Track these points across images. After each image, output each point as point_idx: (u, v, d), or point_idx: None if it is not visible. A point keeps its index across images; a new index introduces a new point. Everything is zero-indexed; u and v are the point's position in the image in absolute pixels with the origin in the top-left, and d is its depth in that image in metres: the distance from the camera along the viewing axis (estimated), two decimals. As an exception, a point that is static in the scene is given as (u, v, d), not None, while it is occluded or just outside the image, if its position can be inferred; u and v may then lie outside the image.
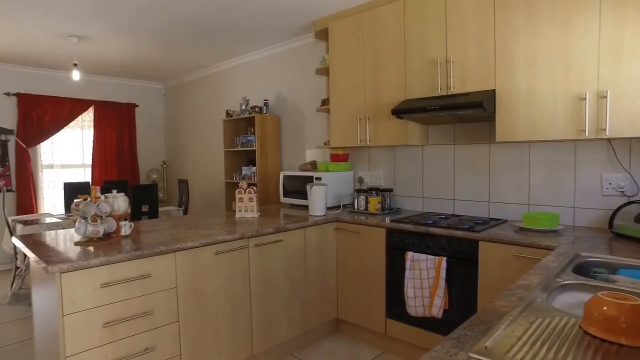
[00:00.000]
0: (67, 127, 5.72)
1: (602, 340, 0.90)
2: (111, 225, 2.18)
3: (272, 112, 4.48)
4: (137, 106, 6.36)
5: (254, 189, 2.98)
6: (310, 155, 4.14)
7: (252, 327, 2.55)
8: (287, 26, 3.86)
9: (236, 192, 2.99)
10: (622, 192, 2.37)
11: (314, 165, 3.81)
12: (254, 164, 4.37)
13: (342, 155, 3.62)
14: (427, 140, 3.21)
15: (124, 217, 2.30)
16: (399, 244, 2.71)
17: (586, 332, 0.94)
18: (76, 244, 2.12)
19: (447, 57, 2.67)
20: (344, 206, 3.48)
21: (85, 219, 2.09)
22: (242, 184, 2.98)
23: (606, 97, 2.10)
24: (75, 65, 4.33)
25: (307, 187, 3.09)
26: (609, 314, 0.91)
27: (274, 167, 4.36)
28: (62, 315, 1.78)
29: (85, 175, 5.96)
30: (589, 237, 2.18)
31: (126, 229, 2.29)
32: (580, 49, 2.17)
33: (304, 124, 4.24)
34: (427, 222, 2.66)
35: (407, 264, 2.59)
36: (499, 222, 2.67)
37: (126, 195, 2.33)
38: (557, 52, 2.24)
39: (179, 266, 2.16)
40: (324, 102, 3.80)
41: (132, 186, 4.30)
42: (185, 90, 6.17)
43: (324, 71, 3.72)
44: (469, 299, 2.39)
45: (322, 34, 3.72)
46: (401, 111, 2.74)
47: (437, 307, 2.44)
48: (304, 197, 3.45)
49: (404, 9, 2.91)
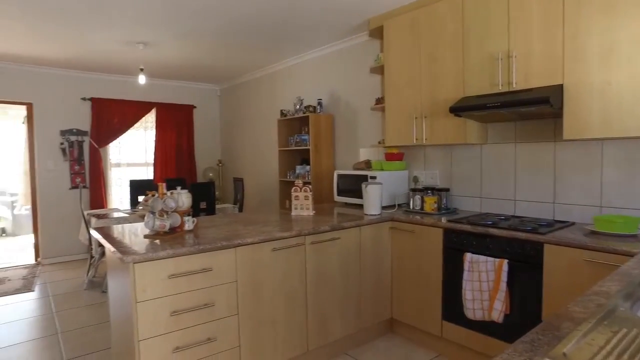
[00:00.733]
0: (132, 128, 6.10)
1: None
2: (176, 220, 2.30)
3: (325, 112, 4.51)
4: (195, 107, 6.65)
5: (310, 187, 3.02)
6: (364, 154, 4.13)
7: (307, 323, 2.59)
8: (342, 25, 3.87)
9: (292, 191, 3.04)
10: None
11: (367, 164, 3.79)
12: (307, 163, 4.43)
13: (396, 154, 3.58)
14: (486, 138, 3.09)
15: (188, 213, 2.41)
16: (457, 245, 2.64)
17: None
18: (145, 236, 2.26)
19: (509, 51, 2.56)
20: (399, 205, 3.44)
21: (153, 213, 2.23)
22: (298, 183, 3.03)
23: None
24: (141, 70, 4.61)
25: (363, 186, 3.09)
26: None
27: (328, 166, 4.39)
28: (136, 302, 1.90)
29: (147, 173, 6.33)
30: (671, 243, 2.01)
31: (189, 224, 2.41)
32: (662, 38, 2.00)
33: (358, 123, 4.24)
34: (486, 222, 2.57)
35: (465, 266, 2.51)
36: (566, 224, 2.52)
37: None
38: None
39: (238, 261, 2.24)
40: (379, 100, 3.78)
41: (191, 184, 4.51)
42: (240, 91, 6.36)
43: (379, 70, 3.70)
44: (533, 304, 2.28)
45: (377, 32, 3.70)
46: (460, 109, 2.66)
47: (497, 311, 2.35)
48: (358, 195, 3.45)
49: (462, 3, 2.82)
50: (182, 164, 6.45)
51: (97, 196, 5.77)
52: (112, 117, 5.86)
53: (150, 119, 6.27)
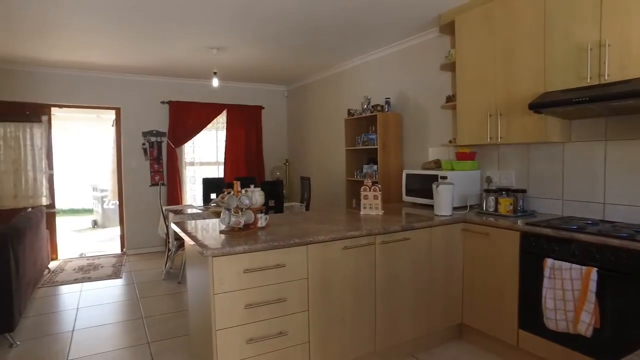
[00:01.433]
0: (205, 128, 6.44)
1: None
2: (250, 217, 2.39)
3: (393, 110, 4.45)
4: (263, 108, 6.88)
5: (379, 187, 3.00)
6: (433, 153, 4.02)
7: (375, 322, 2.57)
8: (411, 22, 3.79)
9: (361, 190, 3.04)
10: None
11: (437, 163, 3.69)
12: (375, 162, 4.40)
13: (468, 153, 3.44)
14: (569, 136, 2.87)
15: (261, 210, 2.50)
16: (536, 250, 2.48)
17: None
18: (221, 232, 2.38)
19: (601, 40, 2.35)
20: (471, 207, 3.31)
21: (228, 210, 2.33)
22: (367, 182, 3.02)
23: None
24: (215, 73, 4.85)
25: (433, 186, 3.01)
26: None
27: (396, 165, 4.33)
28: (214, 294, 2.01)
29: (218, 171, 6.66)
30: None
31: (262, 221, 2.49)
32: None
33: (427, 122, 4.13)
34: (570, 227, 2.39)
35: (546, 272, 2.35)
36: (667, 231, 2.27)
37: (261, 190, 2.53)
38: None
39: (310, 258, 2.28)
40: (449, 98, 3.65)
41: (260, 182, 4.67)
42: (307, 91, 6.47)
43: (449, 66, 3.58)
44: (631, 319, 2.08)
45: (448, 28, 3.58)
46: (541, 105, 2.50)
47: (584, 323, 2.17)
48: (428, 196, 3.37)
49: (546, -8, 2.64)
50: (251, 163, 6.70)
51: (174, 193, 6.16)
52: (187, 118, 6.23)
53: (221, 119, 6.59)
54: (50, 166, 5.70)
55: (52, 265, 5.46)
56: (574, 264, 2.25)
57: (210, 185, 5.33)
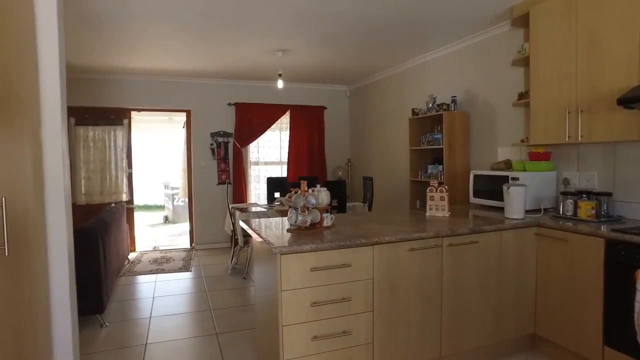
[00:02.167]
0: (269, 129, 6.63)
1: None
2: (316, 216, 2.42)
3: (460, 109, 4.30)
4: (326, 108, 6.94)
5: (445, 187, 2.91)
6: (502, 153, 3.83)
7: (441, 327, 2.50)
8: (480, 17, 3.64)
9: (427, 191, 2.97)
10: None
11: (507, 164, 3.51)
12: (440, 163, 4.28)
13: (543, 153, 3.24)
14: (664, 134, 2.60)
15: (326, 210, 2.53)
16: (625, 259, 2.28)
17: None
18: (288, 230, 2.43)
19: None
20: (545, 210, 3.11)
21: (295, 209, 2.38)
22: (433, 183, 2.95)
23: None
24: (279, 75, 4.98)
25: (504, 187, 2.87)
26: None
27: (462, 165, 4.18)
28: (281, 290, 2.06)
29: (282, 171, 6.81)
30: None
31: (328, 220, 2.52)
32: None
33: (496, 121, 3.94)
34: (666, 235, 2.16)
35: (639, 285, 2.15)
36: None
37: (326, 189, 2.56)
38: None
39: (376, 259, 2.27)
40: (522, 95, 3.46)
41: (322, 182, 4.72)
42: (369, 91, 6.44)
43: (522, 61, 3.39)
44: None
45: (521, 21, 3.39)
46: (635, 100, 2.28)
47: (681, 341, 1.96)
48: (497, 198, 3.21)
49: (638, -24, 2.41)
50: (313, 162, 6.80)
51: (239, 191, 6.41)
52: (252, 119, 6.45)
53: (285, 120, 6.74)
54: (129, 165, 6.17)
55: (131, 256, 5.90)
56: (669, 276, 2.04)
57: (274, 184, 5.48)
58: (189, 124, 6.40)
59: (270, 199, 5.41)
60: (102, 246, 3.44)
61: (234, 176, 6.44)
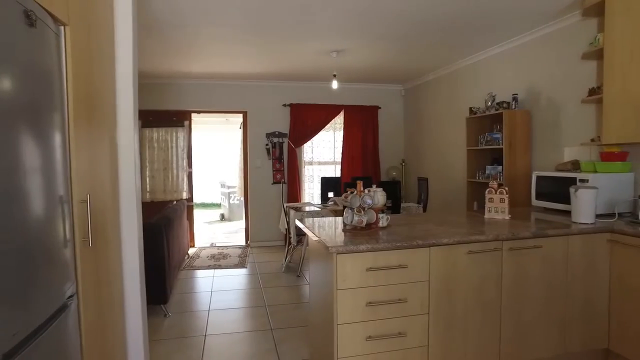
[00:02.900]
0: (323, 129, 6.69)
1: None
2: (372, 216, 2.43)
3: (521, 107, 4.10)
4: (380, 108, 6.89)
5: (505, 189, 2.80)
6: (570, 153, 3.61)
7: (500, 335, 2.41)
8: (547, 8, 3.45)
9: (486, 192, 2.87)
10: None
11: (575, 165, 3.30)
12: (499, 163, 4.11)
13: (618, 153, 3.01)
14: None
15: (382, 210, 2.52)
16: None
17: None
18: (344, 230, 2.45)
19: None
20: (620, 215, 2.89)
21: (351, 209, 2.40)
22: (493, 184, 2.84)
23: None
24: (334, 76, 5.01)
25: (571, 190, 2.70)
26: None
27: (523, 166, 3.98)
28: (336, 289, 2.09)
29: (335, 171, 6.85)
30: None
31: (383, 221, 2.51)
32: None
33: (562, 119, 3.72)
34: None
35: None
36: None
37: (382, 190, 2.54)
38: None
39: (432, 261, 2.23)
40: (593, 91, 3.24)
41: (376, 183, 4.69)
42: (424, 89, 6.31)
43: (594, 54, 3.17)
44: None
45: (594, 10, 3.18)
46: None
47: None
48: (562, 200, 3.03)
49: None
50: (367, 163, 6.77)
51: (293, 191, 6.53)
52: (306, 120, 6.55)
53: (339, 120, 6.78)
54: (189, 165, 6.49)
55: (191, 251, 6.20)
56: None
57: (327, 184, 5.53)
58: (245, 125, 6.62)
59: (324, 198, 5.47)
60: (166, 241, 3.65)
61: (289, 176, 6.56)
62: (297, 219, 2.96)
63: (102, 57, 2.10)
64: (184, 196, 6.37)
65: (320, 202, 5.51)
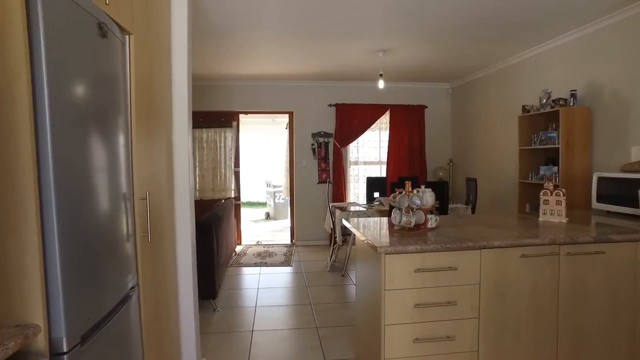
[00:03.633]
0: (369, 129, 6.66)
1: None
2: (420, 217, 2.39)
3: (580, 104, 3.87)
4: (426, 107, 6.76)
5: (562, 191, 2.66)
6: (637, 153, 3.37)
7: (557, 343, 2.29)
8: None
9: (541, 194, 2.74)
10: None
11: (642, 165, 3.08)
12: (554, 163, 3.91)
13: (690, 153, 2.78)
14: None
15: (431, 211, 2.48)
16: None
17: None
18: (391, 231, 2.43)
19: None
20: (693, 220, 2.67)
21: (400, 209, 2.37)
22: (548, 185, 2.71)
23: None
24: (380, 75, 4.98)
25: None
26: None
27: (582, 167, 3.76)
28: (384, 290, 2.08)
29: (381, 171, 6.80)
30: None
31: (432, 222, 2.46)
32: None
33: (629, 116, 3.47)
34: None
35: None
36: None
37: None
38: None
39: (483, 263, 2.16)
40: (662, 86, 3.01)
41: (423, 183, 4.60)
42: (472, 88, 6.12)
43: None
44: None
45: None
46: None
47: None
48: (629, 204, 2.84)
49: None
50: (413, 163, 6.67)
51: (338, 190, 6.55)
52: (352, 119, 6.54)
53: (384, 120, 6.72)
54: (237, 164, 6.67)
55: (238, 249, 6.37)
56: None
57: (373, 184, 5.50)
58: (291, 125, 6.72)
59: (369, 198, 5.44)
60: (216, 238, 3.78)
61: (334, 175, 6.59)
62: (344, 219, 2.97)
63: (160, 62, 2.22)
64: (232, 195, 6.56)
65: (365, 202, 5.49)
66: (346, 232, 4.99)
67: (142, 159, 1.88)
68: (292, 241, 6.82)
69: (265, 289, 4.45)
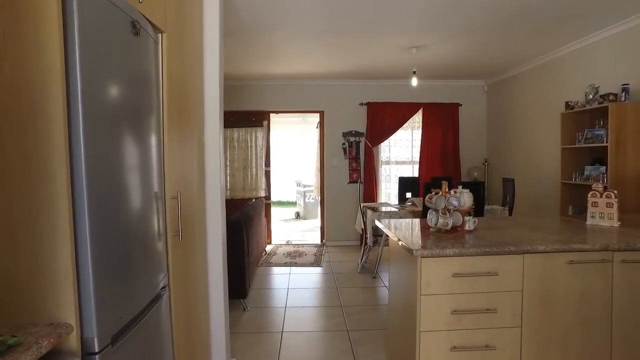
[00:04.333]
0: (401, 128, 6.52)
1: None
2: (458, 219, 2.28)
3: (633, 99, 3.62)
4: (460, 105, 6.55)
5: (614, 192, 2.48)
6: (694, 152, 3.12)
7: (611, 358, 2.13)
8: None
9: (589, 196, 2.57)
10: None
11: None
12: (601, 163, 3.68)
13: None
14: None
15: (469, 213, 2.36)
16: None
17: None
18: (428, 233, 2.33)
19: None
20: None
21: (436, 211, 2.27)
22: (597, 186, 2.54)
23: None
24: (414, 72, 4.85)
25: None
26: None
27: (635, 167, 3.50)
28: (420, 294, 1.99)
29: (413, 171, 6.65)
30: None
31: (470, 224, 2.35)
32: None
33: (685, 112, 3.22)
34: None
35: None
36: None
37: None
38: None
39: (526, 269, 2.04)
40: None
41: (457, 183, 4.45)
42: (509, 84, 5.89)
43: None
44: None
45: None
46: None
47: None
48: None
49: None
50: (446, 162, 6.49)
51: (369, 190, 6.45)
52: (383, 118, 6.43)
53: (417, 118, 6.57)
54: (267, 164, 6.69)
55: (268, 248, 6.39)
56: None
57: (405, 184, 5.38)
58: (322, 124, 6.67)
59: (401, 199, 5.32)
60: (246, 237, 3.77)
61: (365, 175, 6.50)
62: (376, 219, 2.89)
63: (192, 62, 2.21)
64: (262, 194, 6.58)
65: (397, 202, 5.37)
66: (377, 233, 4.90)
67: (173, 159, 1.87)
68: (322, 241, 6.77)
69: (295, 289, 4.42)
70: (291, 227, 9.16)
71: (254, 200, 5.70)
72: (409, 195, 5.23)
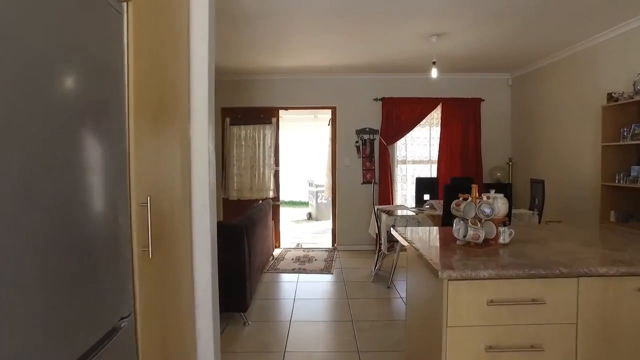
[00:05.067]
0: (418, 125, 6.09)
1: None
2: (491, 230, 1.88)
3: (687, 90, 3.16)
4: (482, 100, 6.09)
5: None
6: None
7: (684, 405, 1.70)
8: None
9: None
10: None
11: None
12: (652, 163, 3.23)
13: None
14: None
15: (503, 222, 1.96)
16: None
17: None
18: (454, 247, 1.94)
19: None
20: None
21: (464, 220, 1.88)
22: (661, 191, 2.11)
23: None
24: (433, 63, 4.44)
25: None
26: None
27: (694, 167, 3.06)
28: (446, 326, 1.60)
29: (431, 171, 6.21)
30: None
31: (505, 236, 1.94)
32: None
33: None
34: None
35: None
36: None
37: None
38: None
39: (582, 296, 1.62)
40: None
41: (480, 184, 4.03)
42: (538, 76, 5.41)
43: None
44: None
45: None
46: None
47: None
48: None
49: None
50: (467, 162, 6.02)
51: (384, 192, 6.03)
52: (400, 115, 6.01)
53: (436, 115, 6.13)
54: (276, 163, 6.34)
55: (276, 252, 6.03)
56: None
57: (423, 185, 4.97)
58: (334, 121, 6.29)
59: (419, 201, 4.91)
60: (248, 245, 3.42)
61: (380, 175, 6.08)
62: (391, 226, 2.51)
63: (173, 43, 1.86)
64: (270, 195, 6.23)
65: (414, 205, 4.96)
66: (392, 239, 4.48)
67: (142, 159, 1.52)
68: (333, 245, 6.39)
69: (302, 300, 4.05)
70: (303, 228, 8.82)
71: (260, 201, 5.35)
72: (427, 197, 4.82)
